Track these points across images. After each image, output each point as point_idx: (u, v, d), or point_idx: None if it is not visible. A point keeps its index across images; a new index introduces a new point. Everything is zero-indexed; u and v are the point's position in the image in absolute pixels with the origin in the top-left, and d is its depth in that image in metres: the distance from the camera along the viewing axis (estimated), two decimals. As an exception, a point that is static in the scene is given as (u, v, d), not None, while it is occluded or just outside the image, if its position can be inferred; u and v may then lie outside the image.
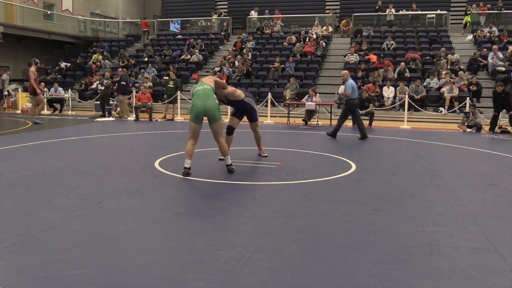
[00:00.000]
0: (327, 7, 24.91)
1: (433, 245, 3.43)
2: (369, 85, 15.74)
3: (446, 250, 3.34)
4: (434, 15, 21.80)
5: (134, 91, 15.59)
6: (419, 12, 22.03)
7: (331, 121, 13.24)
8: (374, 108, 13.54)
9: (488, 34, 18.99)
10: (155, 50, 21.63)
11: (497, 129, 11.95)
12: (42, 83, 16.29)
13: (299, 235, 3.65)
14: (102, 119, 14.41)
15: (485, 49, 17.45)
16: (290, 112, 14.13)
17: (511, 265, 3.08)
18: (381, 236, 3.63)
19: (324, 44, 19.92)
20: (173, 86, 15.08)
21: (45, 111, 13.87)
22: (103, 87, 15.61)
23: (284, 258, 3.15)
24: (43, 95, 13.73)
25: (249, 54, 19.69)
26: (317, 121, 13.90)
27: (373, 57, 18.20)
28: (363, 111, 13.16)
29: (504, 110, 12.05)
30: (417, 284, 2.79)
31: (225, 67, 18.49)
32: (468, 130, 12.28)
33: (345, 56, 18.67)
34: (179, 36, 23.54)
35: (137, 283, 2.73)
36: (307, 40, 20.24)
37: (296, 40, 20.42)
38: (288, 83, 16.44)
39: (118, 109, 14.71)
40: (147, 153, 7.77)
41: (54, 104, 17.19)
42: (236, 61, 18.98)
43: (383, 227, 3.87)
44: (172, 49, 21.35)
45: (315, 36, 20.53)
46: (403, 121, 13.67)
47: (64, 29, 24.17)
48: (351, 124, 13.19)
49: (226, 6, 26.81)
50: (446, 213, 4.33)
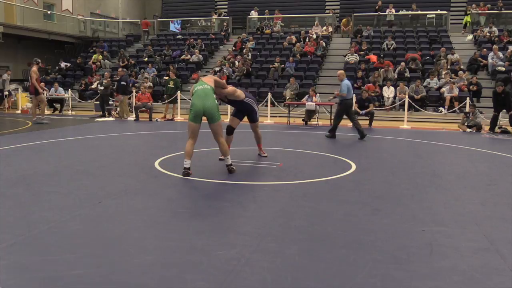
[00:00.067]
0: (327, 7, 24.90)
1: (433, 245, 3.43)
2: (369, 85, 15.75)
3: (446, 250, 3.34)
4: (434, 15, 21.79)
5: (134, 91, 15.59)
6: (419, 12, 22.03)
7: (331, 121, 13.22)
8: (374, 108, 13.54)
9: (488, 34, 18.98)
10: (155, 50, 21.62)
11: (497, 129, 11.94)
12: (42, 83, 16.28)
13: (299, 235, 3.65)
14: (102, 119, 14.41)
15: (485, 49, 17.43)
16: (290, 112, 14.13)
17: (511, 265, 3.08)
18: (381, 236, 3.63)
19: (324, 44, 19.92)
20: (173, 86, 15.09)
21: (45, 111, 13.83)
22: (102, 87, 15.61)
23: (284, 258, 3.15)
24: (45, 94, 13.71)
25: (249, 54, 19.68)
26: (317, 121, 13.89)
27: (373, 57, 18.19)
28: (363, 111, 13.17)
29: (504, 110, 12.05)
30: (417, 284, 2.80)
31: (225, 67, 18.48)
32: (468, 130, 12.28)
33: (345, 56, 18.66)
34: (179, 36, 23.53)
35: (137, 283, 2.73)
36: (307, 40, 20.23)
37: (296, 40, 20.41)
38: (288, 83, 16.44)
39: (118, 109, 14.71)
40: (147, 153, 7.77)
41: (54, 104, 17.19)
42: (236, 61, 18.98)
43: (383, 227, 3.87)
44: (172, 49, 21.34)
45: (315, 36, 20.53)
46: (403, 121, 13.66)
47: (64, 29, 24.16)
48: (351, 124, 13.20)
49: (226, 6, 26.80)
50: (446, 213, 4.33)
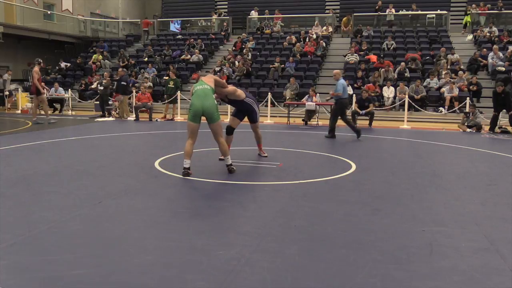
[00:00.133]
0: (327, 7, 24.90)
1: (433, 245, 3.43)
2: (369, 85, 15.74)
3: (446, 250, 3.34)
4: (434, 15, 21.79)
5: (134, 91, 15.59)
6: (419, 12, 22.02)
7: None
8: (374, 108, 13.54)
9: (488, 34, 18.97)
10: (155, 50, 21.62)
11: (497, 129, 11.94)
12: (42, 83, 16.27)
13: (299, 235, 3.65)
14: (102, 119, 14.41)
15: (485, 49, 17.43)
16: (290, 112, 14.13)
17: (511, 265, 3.08)
18: (381, 236, 3.63)
19: (324, 44, 19.91)
20: (173, 86, 15.09)
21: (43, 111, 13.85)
22: (102, 87, 15.61)
23: (284, 258, 3.15)
24: (45, 95, 13.71)
25: (249, 54, 19.68)
26: (317, 121, 13.89)
27: (373, 57, 18.19)
28: (363, 111, 13.17)
29: (504, 110, 12.05)
30: (417, 284, 2.80)
31: (225, 67, 18.48)
32: (468, 130, 12.28)
33: (345, 56, 18.67)
34: (179, 36, 23.52)
35: (137, 283, 2.73)
36: (307, 40, 20.23)
37: (296, 40, 20.41)
38: (288, 83, 16.44)
39: (118, 109, 14.70)
40: (147, 153, 7.77)
41: (54, 104, 17.20)
42: (236, 61, 18.98)
43: (383, 227, 3.87)
44: (172, 49, 21.33)
45: (315, 36, 20.53)
46: (403, 121, 13.66)
47: (64, 29, 24.15)
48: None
49: (226, 6, 26.79)
50: (446, 213, 4.33)
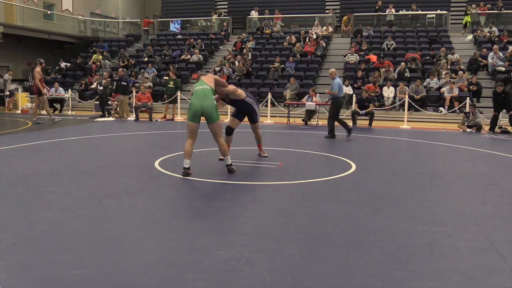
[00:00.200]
0: (327, 7, 24.91)
1: (433, 245, 3.43)
2: (369, 85, 15.74)
3: (446, 250, 3.34)
4: (434, 15, 21.79)
5: (134, 91, 15.59)
6: (419, 12, 22.02)
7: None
8: (374, 108, 13.54)
9: (488, 34, 18.97)
10: (155, 50, 21.62)
11: (497, 129, 11.94)
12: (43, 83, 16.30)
13: (299, 235, 3.65)
14: (102, 119, 14.41)
15: (485, 49, 17.43)
16: (290, 112, 14.13)
17: (511, 265, 3.08)
18: (381, 236, 3.63)
19: (324, 44, 19.91)
20: (173, 86, 15.09)
21: (44, 111, 13.86)
22: (101, 87, 15.61)
23: (284, 258, 3.15)
24: (46, 95, 13.72)
25: (249, 54, 19.68)
26: (317, 121, 13.89)
27: (373, 57, 18.19)
28: (363, 111, 13.17)
29: (504, 110, 12.05)
30: (417, 284, 2.80)
31: (225, 67, 18.48)
32: (468, 130, 12.28)
33: (345, 56, 18.67)
34: (179, 36, 23.53)
35: (137, 283, 2.73)
36: (307, 40, 20.23)
37: (296, 40, 20.41)
38: (288, 83, 16.44)
39: (117, 109, 14.70)
40: (147, 153, 7.77)
41: (54, 104, 17.19)
42: (236, 61, 18.98)
43: (383, 227, 3.87)
44: (172, 49, 21.33)
45: (315, 36, 20.53)
46: (403, 121, 13.66)
47: (64, 29, 24.15)
48: (351, 124, 13.20)
49: (226, 6, 26.80)
50: (446, 213, 4.33)
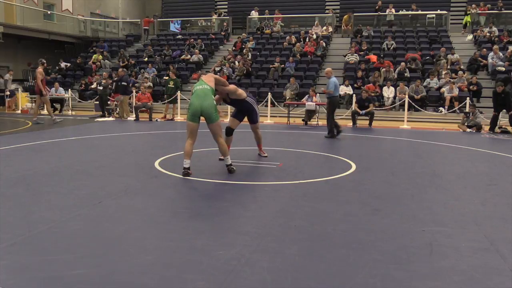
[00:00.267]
0: (327, 7, 24.91)
1: (433, 245, 3.43)
2: (369, 85, 15.74)
3: (446, 250, 3.34)
4: (434, 15, 21.79)
5: (134, 91, 15.59)
6: (419, 12, 22.02)
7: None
8: (374, 108, 13.54)
9: (488, 34, 18.97)
10: (155, 50, 21.62)
11: (497, 129, 11.95)
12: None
13: (299, 235, 3.65)
14: (102, 119, 14.41)
15: (485, 49, 17.43)
16: (290, 112, 14.13)
17: (511, 265, 3.08)
18: (381, 236, 3.63)
19: (324, 44, 19.91)
20: (173, 86, 15.10)
21: (45, 111, 13.85)
22: (101, 87, 15.61)
23: (284, 258, 3.15)
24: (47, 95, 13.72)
25: (249, 54, 19.68)
26: (317, 121, 13.89)
27: (373, 57, 18.18)
28: (363, 111, 13.17)
29: (504, 110, 12.05)
30: (417, 284, 2.80)
31: (225, 67, 18.48)
32: (468, 130, 12.28)
33: (345, 56, 18.67)
34: (179, 36, 23.53)
35: (137, 283, 2.73)
36: (307, 40, 20.23)
37: (296, 40, 20.41)
38: (288, 83, 16.44)
39: (117, 109, 14.70)
40: (147, 153, 7.77)
41: (54, 104, 17.17)
42: (236, 61, 18.98)
43: (383, 227, 3.87)
44: (172, 49, 21.33)
45: (315, 36, 20.53)
46: (403, 121, 13.66)
47: (64, 29, 24.15)
48: (351, 124, 13.21)
49: (226, 6, 26.80)
50: (446, 213, 4.33)
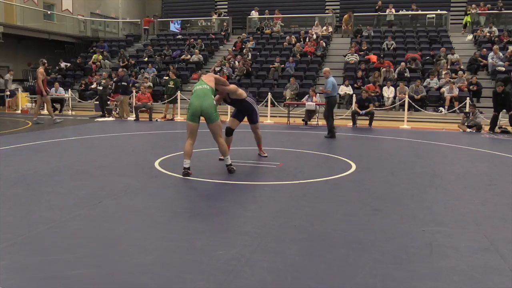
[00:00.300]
0: (327, 7, 24.91)
1: (433, 245, 3.43)
2: (369, 85, 15.74)
3: (446, 250, 3.34)
4: (434, 15, 21.79)
5: (134, 91, 15.59)
6: (419, 12, 22.02)
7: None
8: (374, 108, 13.54)
9: (488, 34, 18.98)
10: (155, 50, 21.62)
11: (497, 129, 11.95)
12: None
13: (299, 235, 3.64)
14: (102, 119, 14.41)
15: (485, 49, 17.43)
16: (290, 112, 14.13)
17: (511, 265, 3.08)
18: (381, 236, 3.63)
19: (324, 44, 19.91)
20: (173, 86, 15.10)
21: (45, 111, 13.85)
22: (101, 87, 15.61)
23: (284, 258, 3.14)
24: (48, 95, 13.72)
25: (249, 54, 19.68)
26: (317, 121, 13.89)
27: (373, 57, 18.18)
28: (363, 111, 13.17)
29: (504, 110, 12.05)
30: (417, 284, 2.79)
31: (225, 67, 18.48)
32: (468, 130, 12.28)
33: (345, 56, 18.66)
34: (179, 36, 23.53)
35: (137, 283, 2.73)
36: (307, 40, 20.23)
37: (296, 40, 20.41)
38: (288, 83, 16.44)
39: (118, 109, 14.70)
40: (147, 153, 7.77)
41: (54, 104, 17.16)
42: (236, 61, 18.97)
43: (383, 227, 3.87)
44: (172, 49, 21.34)
45: (315, 36, 20.53)
46: (403, 121, 13.66)
47: (64, 29, 24.16)
48: (351, 124, 13.21)
49: (226, 6, 26.80)
50: (446, 213, 4.33)
